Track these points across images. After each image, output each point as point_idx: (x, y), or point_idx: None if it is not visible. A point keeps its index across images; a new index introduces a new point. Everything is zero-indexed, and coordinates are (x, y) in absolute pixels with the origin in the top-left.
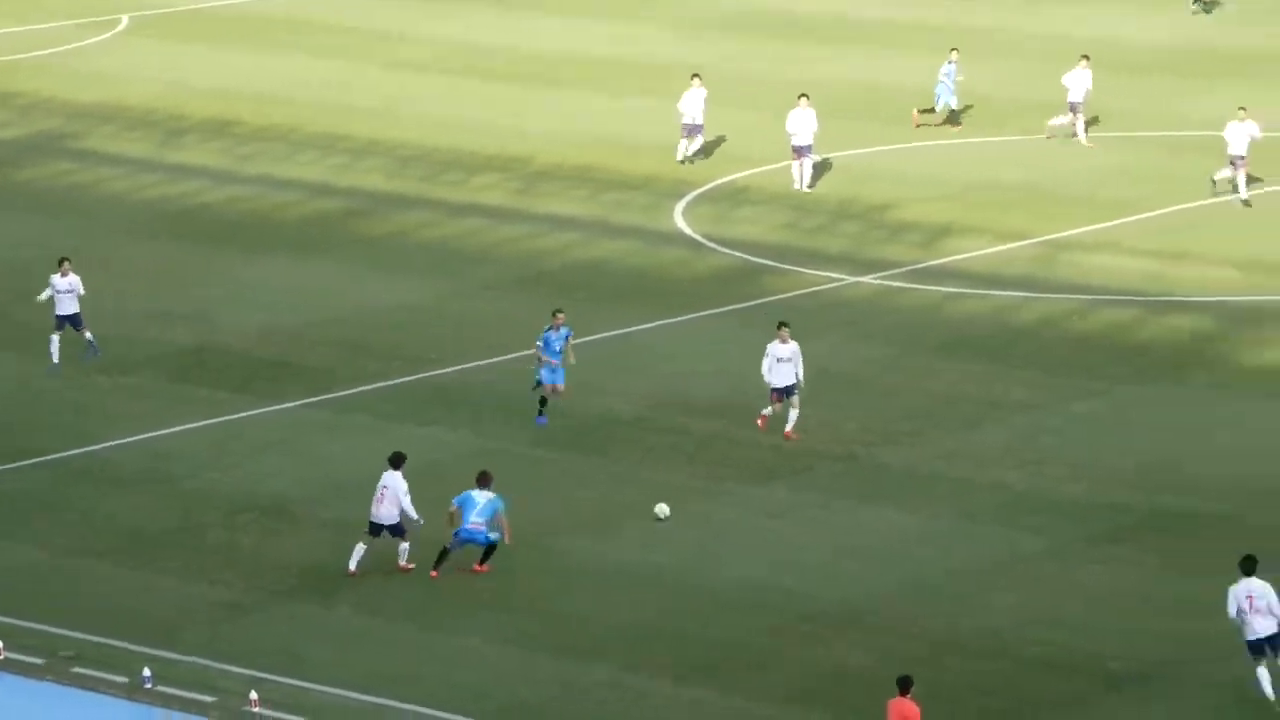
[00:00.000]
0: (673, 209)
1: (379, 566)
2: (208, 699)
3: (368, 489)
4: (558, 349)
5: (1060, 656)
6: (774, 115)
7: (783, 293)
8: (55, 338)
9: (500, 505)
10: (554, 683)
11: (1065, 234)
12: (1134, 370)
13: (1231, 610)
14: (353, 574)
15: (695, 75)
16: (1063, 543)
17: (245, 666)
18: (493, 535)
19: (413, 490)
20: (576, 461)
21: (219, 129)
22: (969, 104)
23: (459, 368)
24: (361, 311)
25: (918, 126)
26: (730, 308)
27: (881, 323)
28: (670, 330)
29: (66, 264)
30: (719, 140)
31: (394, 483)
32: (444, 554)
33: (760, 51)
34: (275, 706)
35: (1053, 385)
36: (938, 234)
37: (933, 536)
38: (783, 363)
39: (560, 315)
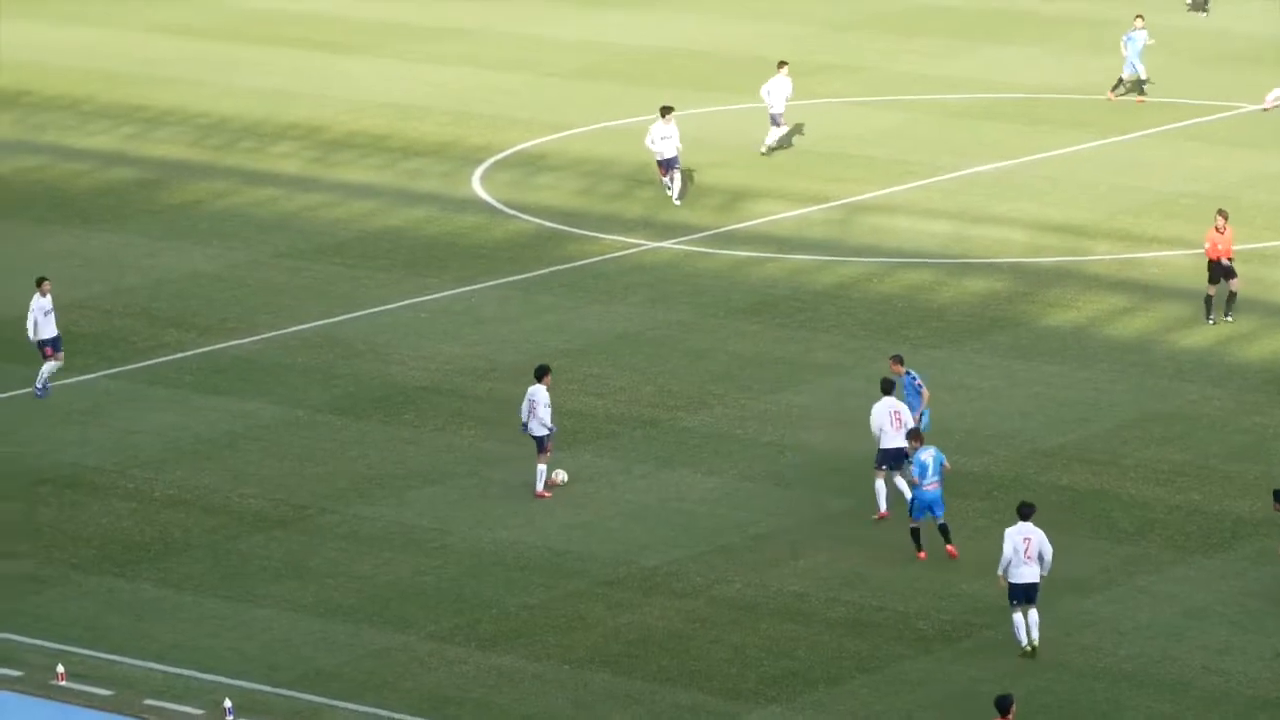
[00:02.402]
0: (470, 176)
1: (182, 538)
2: (14, 673)
3: (170, 459)
4: None
5: (867, 617)
6: (565, 81)
7: (583, 258)
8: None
9: (943, 458)
10: (353, 650)
11: (863, 197)
12: (932, 332)
13: (1008, 552)
14: (541, 495)
15: (782, 63)
16: (867, 503)
17: (48, 639)
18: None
19: (208, 464)
20: (374, 428)
21: (10, 100)
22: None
23: (257, 337)
24: (158, 282)
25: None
26: (530, 274)
27: (682, 287)
28: (468, 297)
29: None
30: (514, 107)
31: (540, 396)
32: (916, 534)
33: (549, 15)
34: (79, 679)
35: (855, 347)
36: (735, 198)
37: (738, 499)
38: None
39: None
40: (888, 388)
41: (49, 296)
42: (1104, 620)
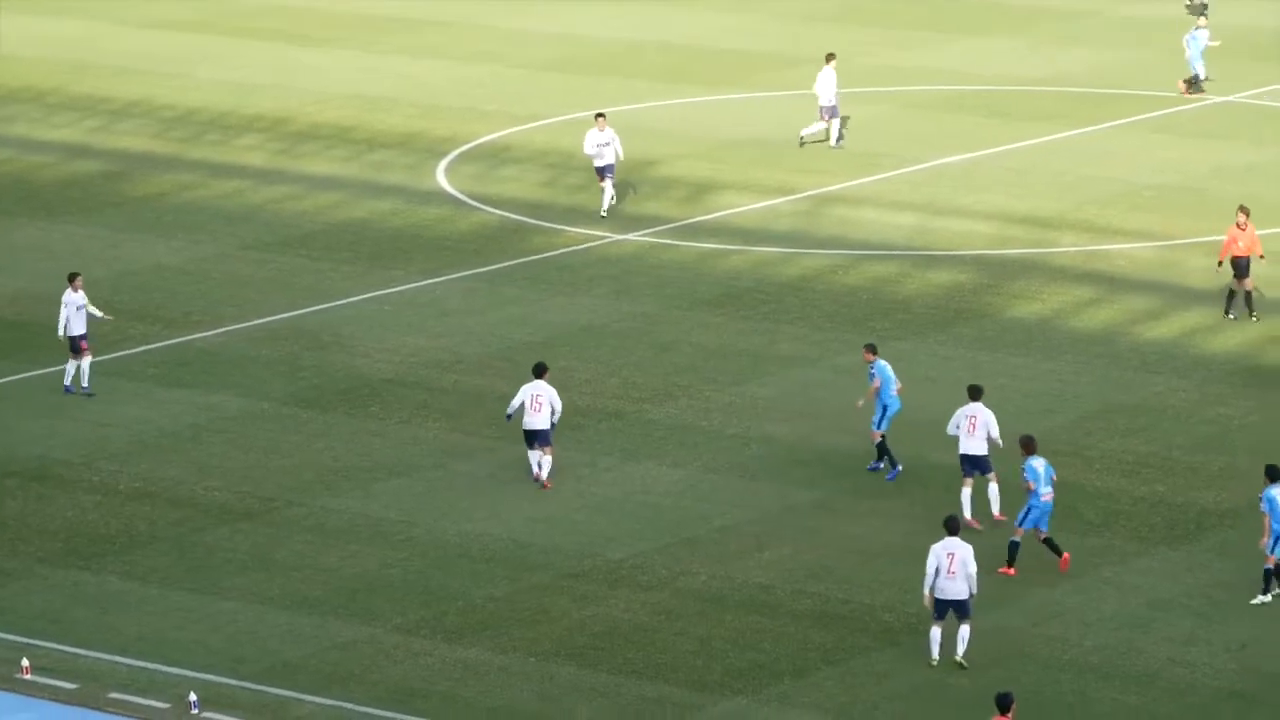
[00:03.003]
0: (435, 168)
1: (147, 530)
2: None
3: (135, 452)
4: None
5: (833, 609)
6: (533, 73)
7: (547, 250)
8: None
9: (1053, 470)
10: (319, 643)
11: (829, 189)
12: (898, 324)
13: (931, 569)
14: (547, 486)
15: (830, 56)
16: (833, 495)
17: (12, 633)
18: None
19: (174, 456)
20: (339, 421)
21: None
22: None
23: (221, 330)
24: (122, 274)
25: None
26: (494, 266)
27: (647, 279)
28: (434, 289)
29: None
30: (481, 99)
31: (547, 392)
32: (1016, 548)
33: (518, 8)
34: (44, 673)
35: (820, 339)
36: (701, 190)
37: (703, 491)
38: None
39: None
40: (975, 394)
41: (81, 291)
42: (1070, 611)
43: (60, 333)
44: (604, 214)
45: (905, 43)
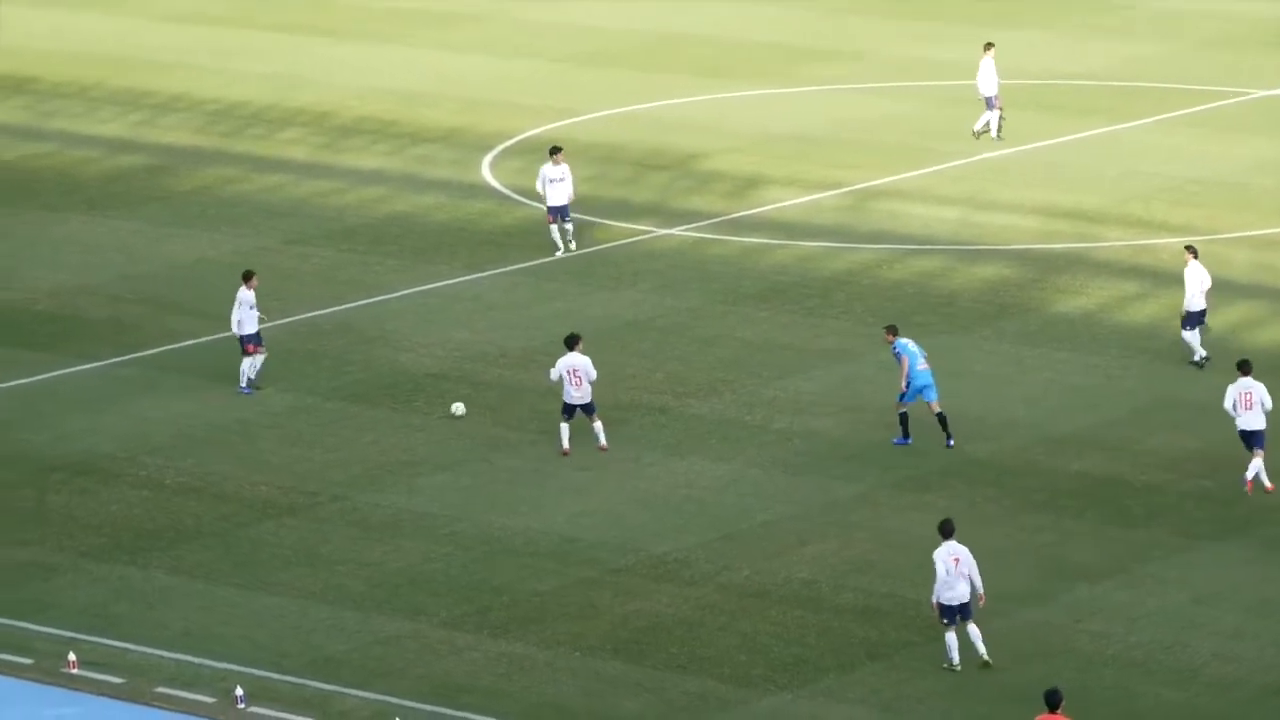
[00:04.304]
0: (480, 162)
1: (193, 525)
2: (25, 661)
3: (181, 447)
4: None
5: (876, 604)
6: (576, 67)
7: (592, 245)
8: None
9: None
10: (363, 637)
11: (873, 183)
12: (943, 318)
13: (942, 574)
14: (567, 452)
15: (989, 45)
16: (876, 489)
17: (59, 627)
18: None
19: (220, 451)
20: (384, 415)
21: (18, 86)
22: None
23: (266, 324)
24: (167, 268)
25: None
26: (539, 261)
27: (691, 274)
28: (478, 284)
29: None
30: (524, 94)
31: (582, 363)
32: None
33: (559, 2)
34: (90, 667)
35: (865, 334)
36: (746, 184)
37: (746, 486)
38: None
39: None
40: (1245, 368)
41: (254, 291)
42: (1114, 607)
43: (234, 330)
44: (565, 251)
45: (946, 36)
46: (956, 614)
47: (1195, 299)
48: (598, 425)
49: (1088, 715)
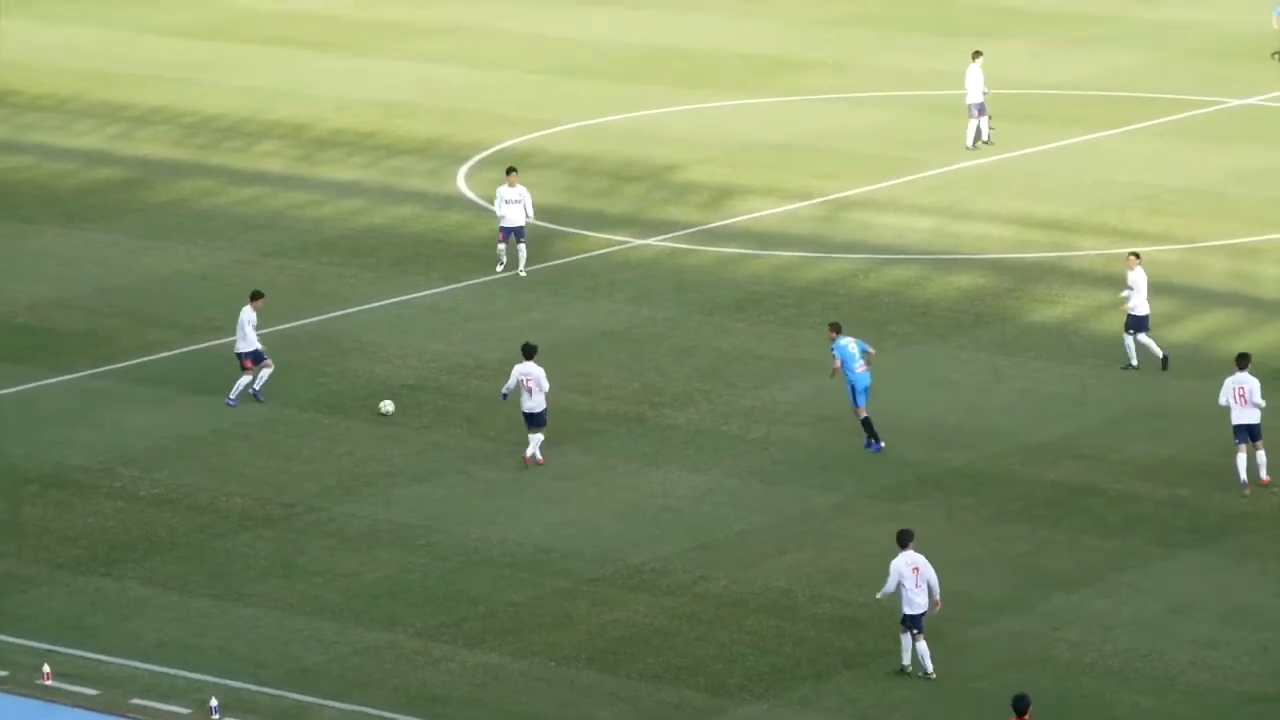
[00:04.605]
0: (455, 174)
1: (168, 537)
2: (0, 673)
3: (155, 458)
4: None
5: (853, 613)
6: (552, 78)
7: (568, 256)
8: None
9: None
10: (340, 648)
11: (848, 193)
12: (919, 328)
13: (891, 585)
14: (540, 462)
15: (977, 53)
16: (853, 499)
17: (34, 639)
18: None
19: (195, 463)
20: (361, 426)
21: None
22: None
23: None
24: (143, 281)
25: None
26: (514, 271)
27: (667, 284)
28: (454, 295)
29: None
30: (500, 105)
31: (535, 372)
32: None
33: (536, 14)
34: (65, 679)
35: None
36: (720, 195)
37: (723, 495)
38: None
39: None
40: (1243, 362)
41: (257, 312)
42: (1090, 615)
43: (238, 349)
44: (523, 272)
45: (920, 47)
46: (915, 623)
47: (1141, 304)
48: (539, 437)
49: None
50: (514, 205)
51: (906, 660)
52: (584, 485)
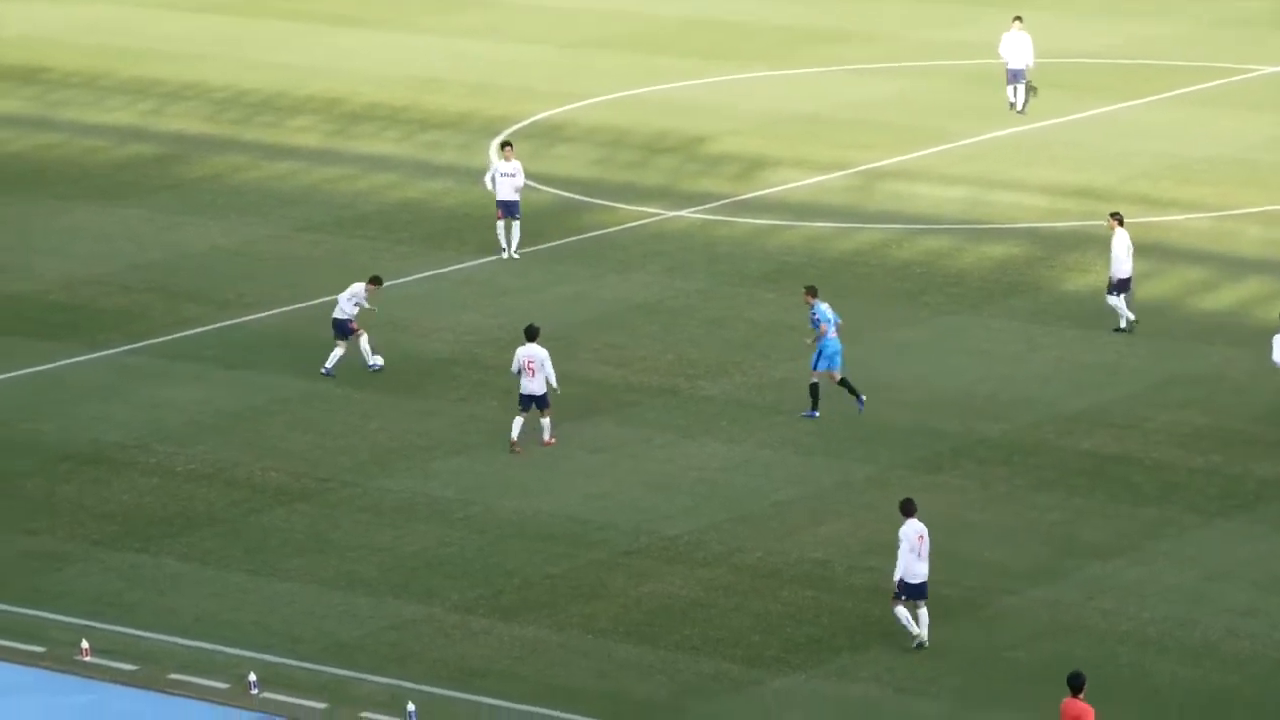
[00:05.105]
0: (489, 147)
1: (204, 512)
2: (38, 649)
3: (191, 434)
4: None
5: (889, 584)
6: (584, 51)
7: (601, 228)
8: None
9: None
10: (377, 622)
11: (881, 163)
12: (952, 298)
13: (906, 552)
14: (517, 448)
15: (1017, 18)
16: (887, 469)
17: (72, 615)
18: None
19: (231, 438)
20: (396, 401)
21: (28, 77)
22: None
23: (277, 311)
24: (178, 256)
25: None
26: (548, 244)
27: (700, 256)
28: (488, 268)
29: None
30: (532, 78)
31: (538, 354)
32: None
33: None
34: (103, 654)
35: (874, 314)
36: (752, 166)
37: (757, 467)
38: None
39: None
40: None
41: (364, 291)
42: (1127, 584)
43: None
44: (514, 255)
45: (954, 17)
46: (916, 592)
47: (1122, 266)
48: (547, 420)
49: (1106, 693)
50: (507, 179)
51: (917, 630)
52: (619, 458)
